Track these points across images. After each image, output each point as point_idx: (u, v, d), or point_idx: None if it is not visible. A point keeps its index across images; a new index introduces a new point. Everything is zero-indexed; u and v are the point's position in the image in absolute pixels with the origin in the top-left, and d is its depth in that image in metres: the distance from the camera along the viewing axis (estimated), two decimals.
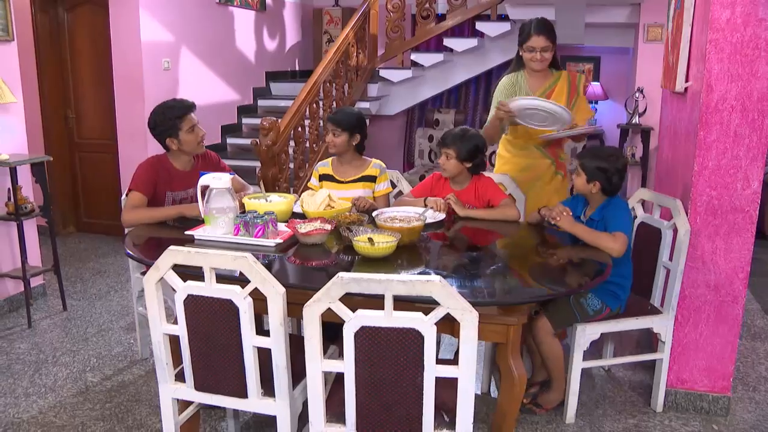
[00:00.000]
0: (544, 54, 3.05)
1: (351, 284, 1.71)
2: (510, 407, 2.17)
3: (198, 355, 2.04)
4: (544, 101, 2.96)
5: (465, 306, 1.69)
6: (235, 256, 1.88)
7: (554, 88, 3.16)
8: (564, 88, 3.16)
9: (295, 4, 7.34)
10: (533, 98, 3.00)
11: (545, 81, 3.17)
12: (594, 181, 2.59)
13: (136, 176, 2.87)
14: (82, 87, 5.29)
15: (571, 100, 3.16)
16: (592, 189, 2.61)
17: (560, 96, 3.14)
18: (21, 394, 2.96)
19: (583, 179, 2.61)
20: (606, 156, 2.60)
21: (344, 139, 3.05)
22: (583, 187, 2.63)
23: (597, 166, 2.57)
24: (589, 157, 2.61)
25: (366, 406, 1.82)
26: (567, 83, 3.18)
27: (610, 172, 2.58)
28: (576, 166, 2.67)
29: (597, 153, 2.63)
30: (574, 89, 3.19)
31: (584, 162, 2.60)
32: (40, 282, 4.13)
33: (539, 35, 3.04)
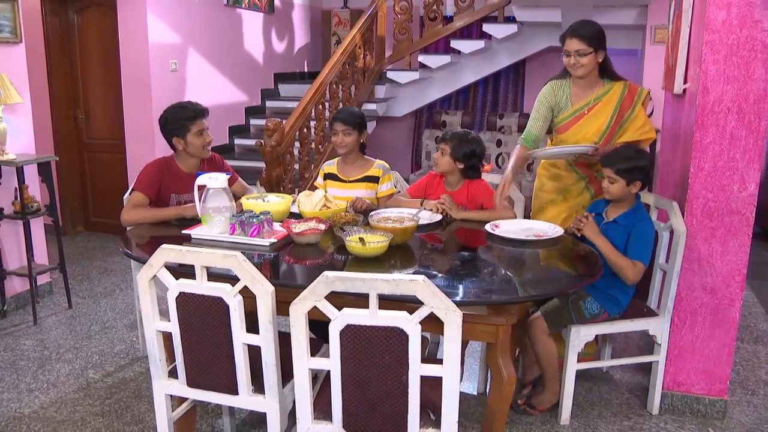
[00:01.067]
0: (580, 58, 2.80)
1: (336, 283, 1.73)
2: (500, 407, 2.18)
3: (190, 352, 2.07)
4: (564, 148, 2.85)
5: (449, 305, 1.71)
6: (225, 255, 1.91)
7: (601, 100, 2.89)
8: (613, 100, 2.88)
9: (304, 6, 7.38)
10: (554, 148, 2.90)
11: (591, 92, 2.91)
12: (634, 182, 2.59)
13: (141, 177, 2.92)
14: (91, 88, 5.37)
15: (620, 116, 2.89)
16: (632, 190, 2.60)
17: (606, 108, 2.89)
18: (24, 389, 3.01)
19: (621, 184, 2.58)
20: (634, 154, 2.59)
21: (354, 138, 3.08)
22: (622, 192, 2.59)
23: (633, 166, 2.56)
24: (619, 161, 2.57)
25: (352, 404, 1.84)
26: (620, 96, 2.89)
27: (646, 168, 2.60)
28: (606, 176, 2.61)
29: (625, 155, 2.59)
30: (628, 104, 2.89)
31: (618, 168, 2.56)
32: (47, 280, 4.19)
33: (572, 38, 2.80)
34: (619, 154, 2.62)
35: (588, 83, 2.91)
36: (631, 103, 2.90)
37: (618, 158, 2.59)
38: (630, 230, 2.58)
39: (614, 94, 2.90)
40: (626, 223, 2.60)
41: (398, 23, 6.52)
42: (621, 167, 2.57)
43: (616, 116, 2.89)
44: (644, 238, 2.59)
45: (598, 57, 2.84)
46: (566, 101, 2.94)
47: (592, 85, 2.92)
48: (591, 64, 2.84)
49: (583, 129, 2.92)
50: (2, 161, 3.61)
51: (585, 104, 2.92)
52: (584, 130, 2.91)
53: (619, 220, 2.63)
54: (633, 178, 2.58)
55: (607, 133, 2.91)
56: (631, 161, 2.57)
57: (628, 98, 2.90)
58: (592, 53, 2.81)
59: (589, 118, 2.91)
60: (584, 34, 2.80)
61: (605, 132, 2.90)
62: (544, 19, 5.98)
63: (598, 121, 2.90)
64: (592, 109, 2.91)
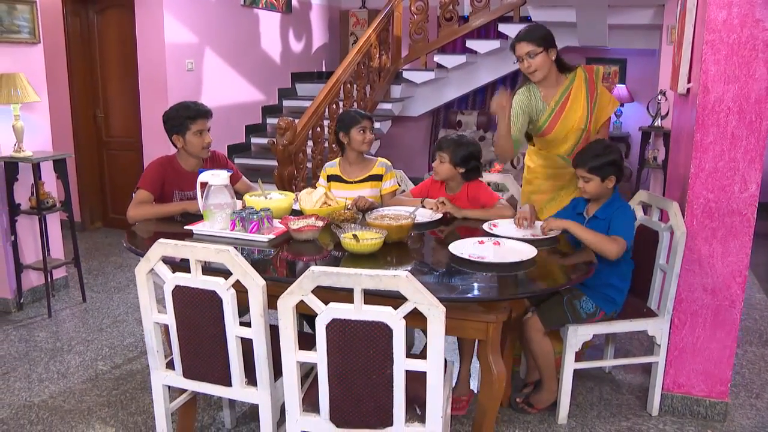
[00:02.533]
0: (532, 60, 2.83)
1: (321, 277, 1.77)
2: (490, 404, 2.20)
3: (186, 344, 2.13)
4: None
5: (432, 301, 1.73)
6: (218, 249, 1.96)
7: (569, 93, 2.95)
8: (582, 87, 2.95)
9: (322, 6, 7.44)
10: None
11: (558, 89, 2.96)
12: (609, 177, 2.59)
13: (145, 175, 2.99)
14: (110, 87, 5.49)
15: (591, 98, 2.95)
16: (608, 185, 2.60)
17: (578, 98, 2.94)
18: (35, 379, 3.11)
19: (596, 182, 2.58)
20: (603, 150, 2.59)
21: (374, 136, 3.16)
22: (599, 189, 2.60)
23: (604, 162, 2.56)
24: (590, 159, 2.57)
25: (339, 397, 1.88)
26: (584, 81, 2.96)
27: (617, 161, 2.59)
28: (579, 176, 2.62)
29: (594, 153, 2.59)
30: (593, 86, 2.97)
31: (591, 166, 2.57)
32: (63, 274, 4.30)
33: (520, 42, 2.85)
34: (589, 153, 2.62)
35: (551, 82, 2.95)
36: (594, 83, 2.98)
37: (588, 157, 2.60)
38: (610, 217, 2.58)
39: (579, 80, 2.96)
40: (605, 214, 2.60)
41: (414, 23, 6.54)
42: (593, 165, 2.58)
43: (590, 99, 2.95)
44: (623, 218, 2.58)
45: (550, 55, 2.87)
46: (542, 104, 2.96)
47: (556, 83, 2.96)
48: (545, 64, 2.86)
49: (566, 123, 2.94)
50: (19, 158, 3.71)
51: (558, 100, 2.95)
52: (568, 124, 2.94)
53: (599, 214, 2.63)
54: (606, 173, 2.58)
55: (589, 118, 2.94)
56: (601, 158, 2.57)
57: (591, 80, 2.99)
58: (542, 52, 2.84)
59: (569, 111, 2.94)
60: (531, 36, 2.84)
61: (587, 117, 2.94)
62: (559, 18, 5.95)
63: (577, 111, 2.94)
64: (567, 102, 2.94)
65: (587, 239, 2.50)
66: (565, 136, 2.95)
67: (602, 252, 2.47)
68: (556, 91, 2.96)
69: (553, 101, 2.95)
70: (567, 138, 2.96)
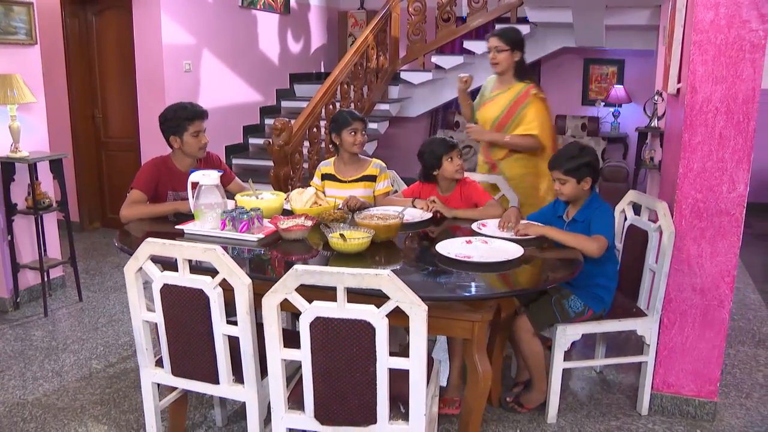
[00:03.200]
0: (498, 54, 3.27)
1: (305, 276, 1.79)
2: (476, 403, 2.21)
3: (174, 342, 2.15)
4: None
5: (413, 299, 1.75)
6: (204, 248, 1.98)
7: (500, 96, 3.37)
8: (510, 96, 3.33)
9: (320, 7, 7.47)
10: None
11: (500, 87, 3.40)
12: (584, 179, 2.60)
13: (139, 175, 3.01)
14: (109, 88, 5.52)
15: (515, 109, 3.31)
16: (584, 186, 2.61)
17: (502, 101, 3.36)
18: (29, 377, 3.13)
19: (572, 183, 2.60)
20: (578, 152, 2.60)
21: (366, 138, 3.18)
22: (574, 191, 2.61)
23: (579, 164, 2.58)
24: (565, 161, 2.59)
25: (323, 395, 1.89)
26: (516, 93, 3.32)
27: (592, 162, 2.60)
28: (555, 179, 2.65)
29: (569, 155, 2.61)
30: (518, 103, 3.31)
31: (567, 167, 2.59)
32: (60, 274, 4.32)
33: (493, 36, 3.30)
34: (564, 155, 2.65)
35: (505, 79, 3.37)
36: (524, 101, 3.31)
37: (563, 159, 2.62)
38: (589, 218, 2.59)
39: (512, 91, 3.34)
40: (584, 216, 2.61)
41: (412, 24, 6.56)
42: (568, 167, 2.59)
43: (508, 109, 3.33)
44: (602, 217, 2.59)
45: (514, 56, 3.30)
46: (490, 89, 3.46)
47: (506, 82, 3.37)
48: (507, 61, 3.30)
49: (485, 112, 3.45)
50: (16, 158, 3.74)
51: (493, 95, 3.42)
52: (486, 114, 3.44)
53: (578, 217, 2.64)
54: (582, 174, 2.59)
55: (498, 121, 3.36)
56: (576, 159, 2.59)
57: (522, 97, 3.32)
58: (508, 51, 3.27)
59: (491, 105, 3.41)
60: (504, 35, 3.29)
61: (496, 120, 3.37)
62: (557, 19, 5.96)
63: (494, 109, 3.38)
64: (494, 99, 3.40)
65: (566, 241, 2.51)
66: (483, 121, 3.46)
67: (584, 251, 2.48)
68: (499, 88, 3.41)
69: (491, 93, 3.44)
70: (481, 125, 3.45)
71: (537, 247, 2.51)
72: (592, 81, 7.17)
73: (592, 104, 7.02)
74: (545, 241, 2.57)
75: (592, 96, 7.14)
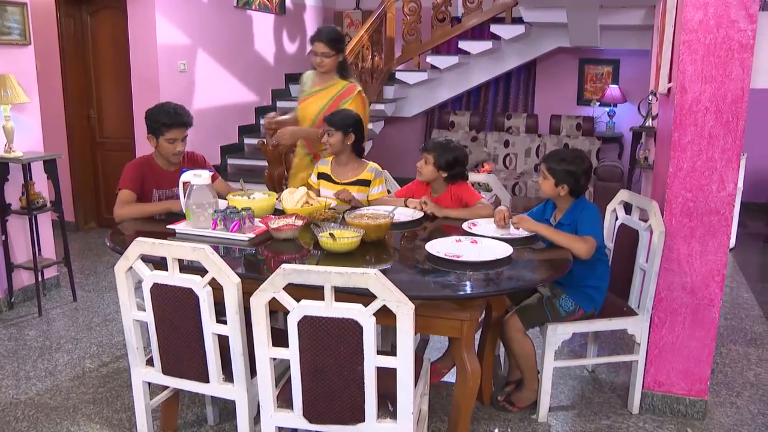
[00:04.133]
0: (325, 59, 3.36)
1: (292, 275, 1.80)
2: (465, 401, 2.22)
3: (164, 341, 2.16)
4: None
5: (400, 298, 1.76)
6: (193, 248, 1.99)
7: (323, 92, 3.47)
8: (330, 94, 3.44)
9: (316, 7, 7.47)
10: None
11: (322, 83, 3.49)
12: (562, 184, 2.61)
13: (125, 175, 3.01)
14: (104, 88, 5.52)
15: (334, 105, 3.38)
16: (560, 192, 2.62)
17: (323, 99, 3.45)
18: (23, 377, 3.13)
19: (550, 182, 2.62)
20: (571, 158, 2.61)
21: (338, 138, 3.11)
22: (551, 191, 2.64)
23: (564, 169, 2.59)
24: (554, 160, 2.62)
25: (312, 393, 1.90)
26: (336, 92, 3.43)
27: (577, 174, 2.59)
28: (541, 170, 2.68)
29: (562, 156, 2.63)
30: (343, 97, 3.41)
31: (551, 165, 2.61)
32: (55, 273, 4.33)
33: (320, 42, 3.35)
34: (557, 155, 2.67)
35: (326, 77, 3.48)
36: (348, 96, 3.39)
37: (555, 158, 2.64)
38: (575, 221, 2.60)
39: (335, 88, 3.45)
40: (570, 219, 2.62)
41: (407, 24, 6.57)
42: (552, 166, 2.61)
43: (329, 106, 3.40)
44: (589, 217, 2.59)
45: (338, 58, 3.41)
46: (310, 84, 3.55)
47: (328, 79, 3.48)
48: (332, 64, 3.42)
49: (306, 109, 3.53)
50: (9, 158, 3.74)
51: (315, 90, 3.50)
52: (306, 111, 3.53)
53: (563, 220, 2.65)
54: (561, 179, 2.60)
55: (319, 117, 3.36)
56: (564, 163, 2.60)
57: (343, 94, 3.42)
58: (334, 55, 3.38)
59: (311, 102, 3.50)
60: (330, 39, 3.36)
61: (318, 114, 3.40)
62: (551, 20, 5.98)
63: (315, 106, 3.46)
64: (315, 96, 3.48)
65: (558, 241, 2.52)
66: (302, 117, 3.56)
67: (573, 251, 2.49)
68: (320, 84, 3.50)
69: (313, 89, 3.52)
70: (302, 121, 3.55)
71: (526, 247, 2.52)
72: (587, 81, 7.18)
73: (588, 104, 7.04)
74: (535, 240, 2.58)
75: (587, 96, 7.16)
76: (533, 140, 6.44)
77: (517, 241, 2.54)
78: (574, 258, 2.44)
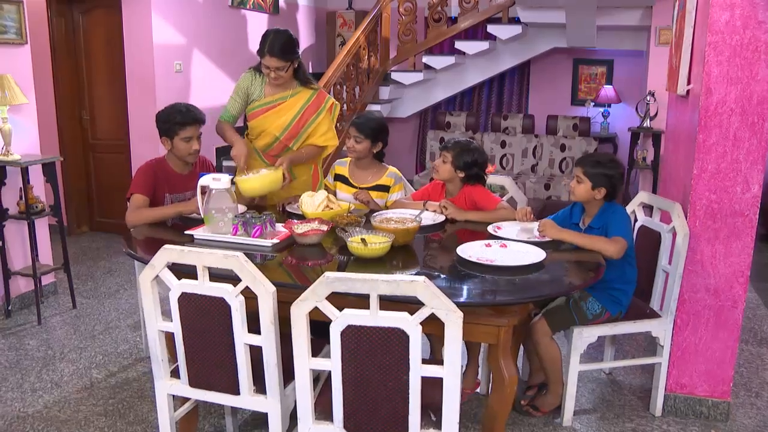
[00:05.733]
0: (279, 73, 3.03)
1: (336, 283, 1.74)
2: (501, 408, 2.18)
3: (192, 352, 2.08)
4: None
5: (449, 306, 1.71)
6: (226, 255, 1.92)
7: (287, 101, 3.15)
8: (299, 104, 3.16)
9: (309, 7, 7.39)
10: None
11: (284, 91, 3.16)
12: (599, 188, 2.59)
13: (136, 179, 2.94)
14: (97, 89, 5.39)
15: (306, 118, 3.18)
16: (596, 195, 2.60)
17: (291, 109, 3.15)
18: (28, 389, 3.03)
19: (587, 186, 2.59)
20: (607, 162, 2.59)
21: (366, 146, 3.06)
22: (586, 194, 2.61)
23: (601, 172, 2.56)
24: (590, 164, 2.59)
25: (353, 404, 1.84)
26: (305, 101, 3.17)
27: (615, 178, 2.58)
28: (575, 175, 2.65)
29: (598, 160, 2.61)
30: (314, 109, 3.19)
31: (587, 170, 2.58)
32: (52, 280, 4.21)
33: (271, 57, 2.99)
34: (593, 158, 2.65)
35: (282, 85, 3.15)
36: (316, 110, 3.20)
37: (590, 161, 2.62)
38: (606, 224, 2.58)
39: (300, 98, 3.17)
40: (600, 223, 2.60)
41: (403, 24, 6.52)
42: (589, 170, 2.59)
43: (299, 118, 3.17)
44: (619, 219, 2.57)
45: (293, 65, 3.09)
46: (260, 92, 3.17)
47: (285, 86, 3.16)
48: (289, 74, 3.10)
49: (268, 121, 3.16)
50: (7, 162, 3.62)
51: (274, 100, 3.16)
52: (269, 122, 3.16)
53: (594, 224, 2.63)
54: (598, 183, 2.58)
55: (288, 130, 3.16)
56: (600, 167, 2.58)
57: (313, 105, 3.19)
58: (290, 64, 3.05)
59: (276, 113, 3.15)
60: (283, 51, 3.00)
61: (286, 129, 3.16)
62: (548, 20, 5.97)
63: (281, 117, 3.15)
64: (279, 106, 3.15)
65: (585, 244, 2.49)
66: (261, 132, 3.19)
67: (603, 253, 2.46)
68: (281, 92, 3.16)
69: (271, 98, 3.16)
70: (262, 136, 3.20)
71: (554, 250, 2.49)
72: (581, 81, 7.20)
73: (582, 104, 7.05)
74: (561, 242, 2.55)
75: (582, 96, 7.17)
76: (530, 141, 6.44)
77: (544, 244, 2.50)
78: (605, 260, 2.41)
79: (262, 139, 3.23)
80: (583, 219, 2.71)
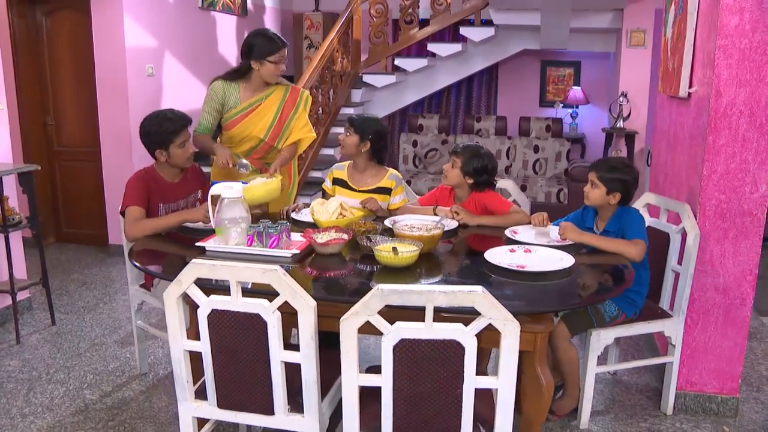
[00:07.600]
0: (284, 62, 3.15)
1: (391, 296, 1.67)
2: (537, 415, 2.14)
3: (222, 372, 1.98)
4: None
5: (507, 316, 1.67)
6: (263, 269, 1.82)
7: (264, 102, 3.19)
8: (276, 101, 3.21)
9: (275, 9, 7.27)
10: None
11: (258, 93, 3.20)
12: (614, 193, 2.59)
13: (129, 191, 2.79)
14: (62, 93, 5.14)
15: (286, 114, 3.22)
16: (611, 200, 2.60)
17: (270, 108, 3.19)
18: (17, 414, 2.84)
19: (602, 191, 2.60)
20: (622, 167, 2.61)
21: (354, 141, 3.00)
22: (601, 199, 2.61)
23: (617, 177, 2.57)
24: (605, 169, 2.60)
25: (404, 420, 1.78)
26: (282, 98, 3.22)
27: (629, 182, 2.59)
28: (590, 179, 2.65)
29: (613, 165, 2.62)
30: (291, 104, 3.23)
31: (602, 175, 2.59)
32: (26, 295, 3.98)
33: (285, 47, 3.11)
34: (608, 163, 2.66)
35: (255, 86, 3.19)
36: (294, 105, 3.25)
37: (605, 166, 2.63)
38: (621, 227, 2.59)
39: (277, 96, 3.21)
40: (615, 226, 2.61)
41: (374, 26, 6.48)
42: (604, 174, 2.60)
43: (280, 115, 3.21)
44: (635, 221, 2.59)
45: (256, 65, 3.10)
46: (236, 100, 3.17)
47: (259, 87, 3.19)
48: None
49: (250, 125, 3.18)
50: None
51: (252, 103, 3.18)
52: (251, 126, 3.18)
53: (609, 227, 2.64)
54: (614, 188, 2.59)
55: (272, 130, 3.21)
56: (615, 171, 2.59)
57: (290, 100, 3.24)
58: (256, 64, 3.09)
59: (256, 116, 3.17)
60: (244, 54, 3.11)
61: (270, 129, 3.20)
62: (521, 22, 6.03)
63: (263, 118, 3.18)
64: (258, 108, 3.18)
65: (607, 247, 2.50)
66: (243, 138, 3.20)
67: (625, 256, 2.47)
68: (256, 95, 3.19)
69: (248, 102, 3.18)
70: (245, 141, 3.21)
71: (575, 253, 2.48)
72: (549, 83, 7.30)
73: (551, 105, 7.15)
74: (580, 246, 2.55)
75: (550, 98, 7.27)
76: (503, 142, 6.48)
77: (563, 247, 2.49)
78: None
79: (244, 144, 3.22)
80: (597, 223, 2.72)
